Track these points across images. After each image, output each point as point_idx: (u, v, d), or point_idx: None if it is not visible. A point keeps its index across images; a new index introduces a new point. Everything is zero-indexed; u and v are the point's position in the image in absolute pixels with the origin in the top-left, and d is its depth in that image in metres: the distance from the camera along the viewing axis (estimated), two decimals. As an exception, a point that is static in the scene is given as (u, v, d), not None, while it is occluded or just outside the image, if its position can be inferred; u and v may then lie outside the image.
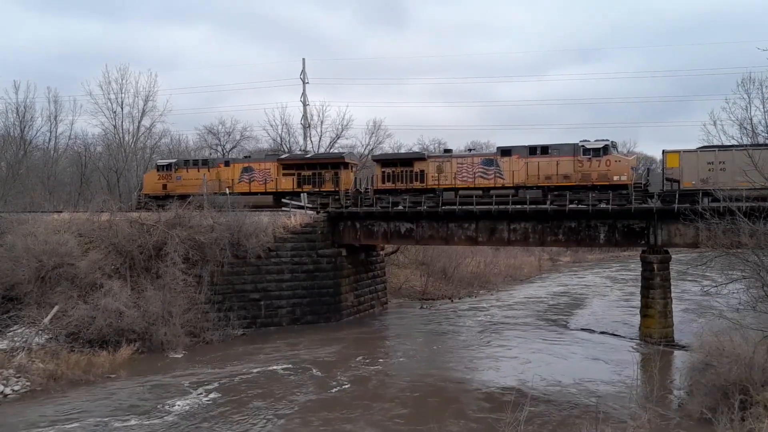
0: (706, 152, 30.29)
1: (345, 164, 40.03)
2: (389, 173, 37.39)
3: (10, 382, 22.33)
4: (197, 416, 19.94)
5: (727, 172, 28.87)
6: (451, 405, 21.30)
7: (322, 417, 20.01)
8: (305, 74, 57.82)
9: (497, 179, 34.77)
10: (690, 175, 29.90)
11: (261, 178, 40.77)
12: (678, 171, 30.23)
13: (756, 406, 16.31)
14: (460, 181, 35.64)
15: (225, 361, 26.92)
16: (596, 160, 32.35)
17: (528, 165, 33.98)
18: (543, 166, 33.61)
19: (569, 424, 18.42)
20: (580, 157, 32.71)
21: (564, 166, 33.08)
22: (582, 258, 72.25)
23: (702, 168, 29.70)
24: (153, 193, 42.36)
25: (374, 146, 65.35)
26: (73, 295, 28.34)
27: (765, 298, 19.14)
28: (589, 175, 32.45)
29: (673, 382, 23.29)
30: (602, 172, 32.21)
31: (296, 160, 41.68)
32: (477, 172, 35.35)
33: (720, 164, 29.36)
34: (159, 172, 43.54)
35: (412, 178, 36.66)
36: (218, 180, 41.28)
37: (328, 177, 39.43)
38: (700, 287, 33.23)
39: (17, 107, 59.01)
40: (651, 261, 30.65)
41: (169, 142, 68.86)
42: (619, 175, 31.90)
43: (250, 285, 33.86)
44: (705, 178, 29.52)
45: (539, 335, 33.10)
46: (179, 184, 42.14)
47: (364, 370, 26.02)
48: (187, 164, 43.47)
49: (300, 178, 39.86)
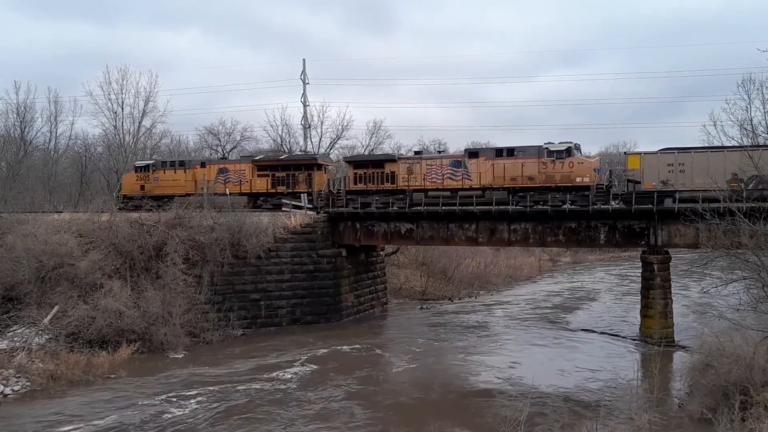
0: (666, 154, 31.16)
1: (318, 165, 40.34)
2: (361, 174, 37.79)
3: (9, 382, 22.34)
4: (197, 416, 19.93)
5: (687, 173, 29.99)
6: (450, 405, 21.29)
7: (321, 417, 20.00)
8: (305, 75, 57.86)
9: (465, 180, 35.30)
10: (651, 176, 30.68)
11: (236, 179, 41.04)
12: (639, 173, 31.03)
13: (756, 406, 16.29)
14: (429, 183, 36.13)
15: (225, 361, 26.90)
16: (560, 162, 32.92)
17: (494, 167, 34.53)
18: (509, 168, 34.15)
19: (569, 424, 18.39)
20: (545, 159, 33.26)
21: (529, 168, 33.61)
22: (582, 258, 72.22)
23: (662, 169, 30.55)
24: (131, 193, 42.68)
25: (374, 147, 65.41)
26: (73, 295, 28.33)
27: (765, 298, 19.14)
28: (552, 176, 32.98)
29: (673, 383, 23.30)
30: (565, 173, 32.74)
31: (270, 162, 42.07)
32: (445, 173, 35.89)
33: (680, 166, 30.32)
34: (137, 173, 43.89)
35: (383, 179, 37.12)
36: (194, 181, 41.67)
37: (302, 178, 39.78)
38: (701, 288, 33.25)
39: (17, 108, 59.17)
40: (651, 261, 30.65)
41: (170, 142, 69.02)
42: (582, 177, 32.44)
43: (250, 285, 33.85)
44: (665, 180, 30.39)
45: (539, 335, 33.09)
46: (156, 185, 42.52)
47: (364, 370, 25.98)
48: (164, 165, 43.83)
49: (274, 179, 40.21)
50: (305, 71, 57.78)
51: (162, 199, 38.05)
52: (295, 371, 25.49)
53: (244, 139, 67.26)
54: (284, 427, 19.26)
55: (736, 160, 28.15)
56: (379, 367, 26.97)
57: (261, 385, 23.42)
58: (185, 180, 41.72)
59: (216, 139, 66.78)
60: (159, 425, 19.15)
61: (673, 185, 30.17)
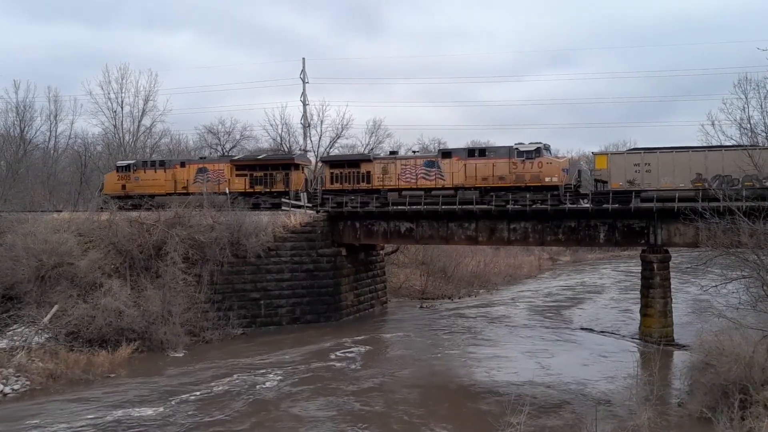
0: (633, 154, 32.16)
1: (296, 165, 40.58)
2: (337, 174, 38.08)
3: (9, 381, 22.36)
4: (197, 416, 19.93)
5: (652, 173, 30.66)
6: (450, 405, 21.31)
7: (321, 416, 20.02)
8: (305, 74, 57.75)
9: (438, 180, 35.72)
10: (617, 176, 31.29)
11: (215, 179, 41.11)
12: (606, 172, 31.67)
13: (756, 405, 16.31)
14: (403, 182, 36.49)
15: (225, 360, 26.90)
16: (529, 162, 33.44)
17: (466, 167, 34.98)
18: (480, 168, 34.61)
19: (569, 423, 18.41)
20: (515, 159, 33.80)
21: (500, 168, 34.14)
22: (582, 257, 72.22)
23: (629, 169, 31.16)
24: (113, 193, 42.86)
25: (374, 146, 65.23)
26: (72, 294, 28.29)
27: (765, 297, 19.13)
28: (522, 176, 33.52)
29: (672, 382, 23.31)
30: (535, 173, 33.27)
31: (248, 161, 42.36)
32: (419, 173, 36.26)
33: (646, 166, 30.95)
34: (119, 173, 44.07)
35: (358, 179, 37.46)
36: (174, 180, 41.92)
37: (279, 178, 39.93)
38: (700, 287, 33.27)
39: (17, 106, 59.09)
40: (651, 260, 30.67)
41: (169, 141, 68.91)
42: (551, 177, 33.01)
43: (249, 284, 33.85)
44: (632, 179, 31.00)
45: (539, 335, 33.11)
46: (137, 184, 42.74)
47: (364, 369, 26.02)
48: (145, 165, 44.10)
49: (252, 179, 40.36)
50: (305, 70, 57.69)
51: (143, 198, 38.48)
52: (294, 371, 25.49)
53: (243, 138, 67.22)
54: (284, 426, 19.27)
55: (701, 160, 29.64)
56: (378, 366, 26.96)
57: (261, 385, 23.43)
58: (165, 179, 42.07)
59: (216, 138, 66.75)
60: (159, 424, 19.15)
61: (639, 185, 30.77)
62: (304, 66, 57.76)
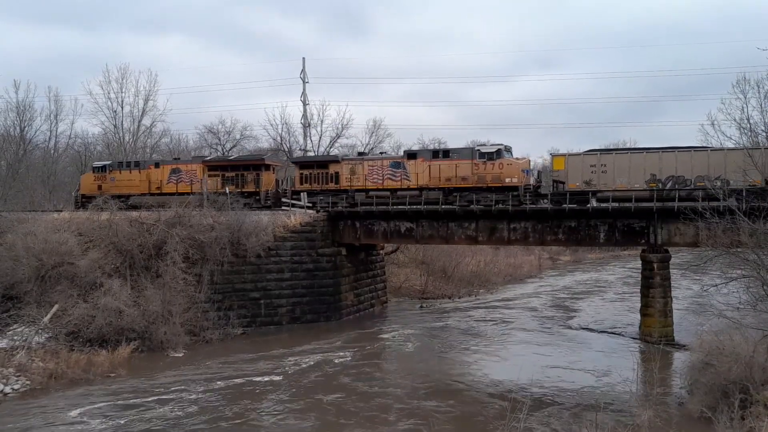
0: (590, 156, 32.66)
1: (266, 166, 41.30)
2: (306, 175, 38.87)
3: (10, 381, 22.36)
4: (197, 415, 19.94)
5: (609, 174, 31.37)
6: (450, 405, 21.28)
7: (321, 416, 20.04)
8: (305, 73, 57.73)
9: (404, 181, 36.53)
10: (575, 177, 31.94)
11: (188, 179, 41.62)
12: (564, 173, 32.36)
13: (756, 405, 16.31)
14: (370, 183, 37.28)
15: (225, 359, 26.92)
16: (490, 163, 34.27)
17: (431, 168, 35.80)
18: (444, 169, 35.38)
19: (569, 423, 18.40)
20: (477, 160, 34.60)
21: (462, 169, 34.92)
22: (582, 257, 72.22)
23: (585, 170, 31.77)
24: (89, 193, 43.05)
25: (374, 145, 65.27)
26: (72, 294, 28.31)
27: (765, 297, 19.13)
28: (484, 177, 34.37)
29: (673, 381, 23.30)
30: (495, 174, 34.11)
31: (220, 162, 42.94)
32: (386, 174, 37.04)
33: (602, 167, 31.58)
34: (95, 173, 44.46)
35: (327, 179, 38.22)
36: (148, 181, 42.42)
37: (250, 178, 40.62)
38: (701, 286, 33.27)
39: (17, 106, 59.10)
40: (651, 260, 30.66)
41: (169, 141, 68.95)
42: (511, 177, 33.82)
43: (250, 284, 33.86)
44: (588, 180, 31.61)
45: (539, 334, 33.10)
46: (113, 185, 43.15)
47: (363, 369, 26.00)
48: (121, 166, 44.53)
49: (224, 179, 40.85)
50: (305, 70, 57.68)
51: (119, 198, 38.96)
52: (293, 371, 25.51)
53: (243, 138, 67.29)
54: (284, 426, 19.29)
55: (656, 161, 30.38)
56: (378, 366, 26.98)
57: (260, 384, 23.45)
58: (140, 180, 42.57)
59: (216, 137, 66.78)
60: (159, 424, 19.16)
61: (596, 185, 31.37)
62: (304, 66, 57.78)
